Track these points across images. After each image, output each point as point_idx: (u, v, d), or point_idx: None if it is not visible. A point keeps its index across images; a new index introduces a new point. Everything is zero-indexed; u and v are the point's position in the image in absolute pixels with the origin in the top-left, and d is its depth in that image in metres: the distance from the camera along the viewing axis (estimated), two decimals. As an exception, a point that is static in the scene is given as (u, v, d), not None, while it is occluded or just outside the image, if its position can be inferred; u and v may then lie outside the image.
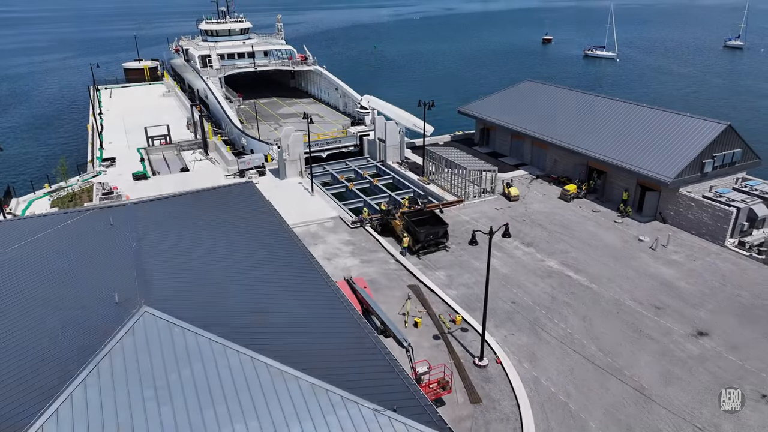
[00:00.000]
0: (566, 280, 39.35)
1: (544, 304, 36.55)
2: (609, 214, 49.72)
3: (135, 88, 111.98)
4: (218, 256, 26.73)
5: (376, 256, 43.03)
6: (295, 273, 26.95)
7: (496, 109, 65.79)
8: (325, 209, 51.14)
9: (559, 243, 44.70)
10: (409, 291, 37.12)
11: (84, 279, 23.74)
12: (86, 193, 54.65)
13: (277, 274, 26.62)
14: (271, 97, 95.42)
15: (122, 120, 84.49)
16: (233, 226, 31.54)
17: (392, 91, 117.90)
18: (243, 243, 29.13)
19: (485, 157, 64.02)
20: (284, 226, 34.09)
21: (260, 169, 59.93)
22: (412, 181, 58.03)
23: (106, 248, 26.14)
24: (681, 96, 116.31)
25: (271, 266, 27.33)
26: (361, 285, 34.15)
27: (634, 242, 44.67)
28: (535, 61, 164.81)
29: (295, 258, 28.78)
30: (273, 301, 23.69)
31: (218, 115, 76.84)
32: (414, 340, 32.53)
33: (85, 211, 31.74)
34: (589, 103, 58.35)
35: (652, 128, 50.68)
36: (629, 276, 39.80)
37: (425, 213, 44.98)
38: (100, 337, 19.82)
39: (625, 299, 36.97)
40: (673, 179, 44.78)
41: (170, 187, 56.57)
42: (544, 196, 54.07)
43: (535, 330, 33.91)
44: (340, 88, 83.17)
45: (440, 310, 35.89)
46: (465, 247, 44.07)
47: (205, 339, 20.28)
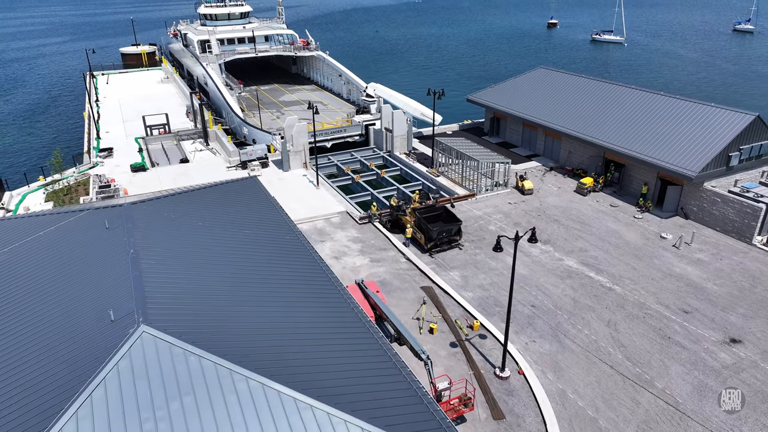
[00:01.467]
0: (587, 281, 37.40)
1: (566, 307, 34.63)
2: (628, 209, 47.64)
3: (133, 74, 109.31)
4: (223, 264, 24.70)
5: (387, 254, 41.03)
6: (307, 283, 24.96)
7: (508, 98, 63.36)
8: (331, 204, 49.03)
9: (577, 240, 42.68)
10: (424, 295, 35.12)
11: (76, 293, 21.72)
12: (82, 186, 52.53)
13: (287, 284, 24.63)
14: (273, 84, 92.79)
15: (119, 108, 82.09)
16: (238, 228, 29.48)
17: (395, 77, 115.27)
18: (249, 248, 27.08)
19: (496, 147, 61.78)
20: (291, 227, 32.06)
21: (263, 161, 57.69)
22: (421, 173, 55.84)
23: (100, 256, 24.10)
24: (691, 82, 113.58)
25: (280, 275, 25.33)
26: (374, 289, 32.21)
27: (656, 240, 42.64)
28: (541, 46, 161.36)
29: (304, 265, 26.77)
30: (284, 318, 21.71)
31: (218, 103, 74.37)
32: (430, 348, 30.71)
33: (79, 211, 29.63)
34: (607, 92, 55.92)
35: (674, 119, 48.38)
36: (653, 277, 37.83)
37: (437, 209, 42.89)
38: (93, 363, 17.87)
39: (651, 302, 35.04)
40: (698, 173, 42.62)
41: (169, 179, 54.53)
42: (559, 189, 51.93)
43: (558, 336, 32.02)
44: (344, 74, 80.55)
45: (456, 315, 33.98)
46: (479, 245, 42.05)
47: (210, 362, 18.32)
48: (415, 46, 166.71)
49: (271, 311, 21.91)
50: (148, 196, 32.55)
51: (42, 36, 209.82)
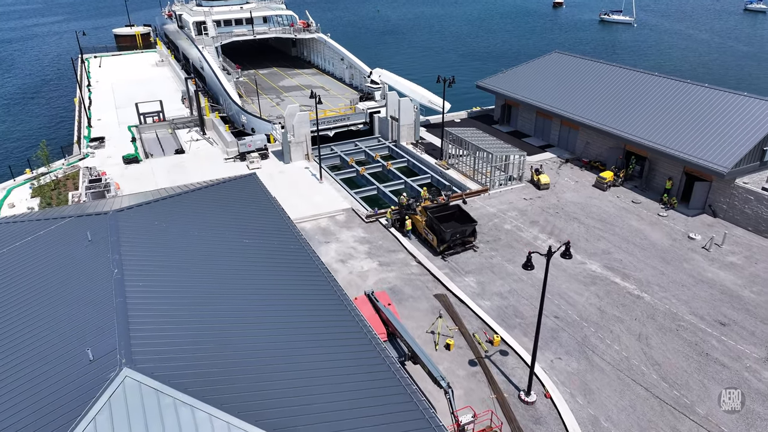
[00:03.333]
0: (613, 288, 34.73)
1: (592, 319, 32.00)
2: (651, 206, 44.80)
3: (126, 57, 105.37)
4: (220, 285, 21.93)
5: (396, 257, 38.29)
6: (313, 305, 22.25)
7: (520, 84, 60.08)
8: (336, 200, 46.13)
9: (599, 241, 39.93)
10: (440, 308, 32.37)
11: (48, 325, 18.96)
12: (71, 180, 49.57)
13: (291, 307, 21.91)
14: (272, 68, 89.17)
15: (112, 93, 78.59)
16: (236, 237, 26.69)
17: (398, 60, 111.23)
18: (249, 263, 24.32)
19: (507, 137, 58.69)
20: (293, 232, 29.29)
21: (262, 152, 54.61)
22: (430, 165, 52.85)
23: (79, 277, 21.31)
24: (702, 64, 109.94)
25: (284, 296, 22.61)
26: (385, 301, 29.48)
27: (683, 240, 39.90)
28: (546, 26, 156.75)
29: (309, 281, 24.06)
30: (291, 355, 18.99)
31: (215, 88, 70.93)
32: (447, 367, 28.17)
33: (60, 218, 26.77)
34: (628, 79, 52.62)
35: (702, 109, 45.28)
36: (684, 283, 35.15)
37: (450, 207, 40.04)
38: (65, 416, 15.21)
39: (684, 313, 32.41)
40: (730, 170, 39.72)
41: (164, 172, 51.58)
42: (577, 183, 49.00)
43: (585, 352, 29.43)
44: (346, 58, 76.97)
45: (474, 328, 31.36)
46: (495, 247, 39.31)
47: (205, 414, 15.69)
48: (416, 26, 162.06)
49: (275, 345, 19.15)
50: (138, 200, 29.64)
51: (32, 16, 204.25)
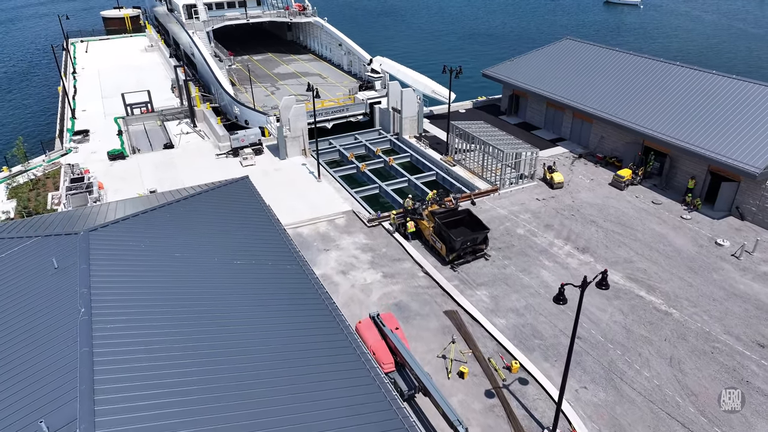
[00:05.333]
0: (638, 303, 31.93)
1: (618, 339, 29.23)
2: (673, 207, 41.88)
3: (115, 41, 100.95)
4: (206, 327, 18.94)
5: (401, 267, 35.36)
6: (314, 349, 19.31)
7: (529, 73, 56.68)
8: (335, 201, 43.03)
9: (619, 248, 37.06)
10: (453, 332, 29.47)
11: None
12: (52, 179, 46.30)
13: (287, 347, 18.98)
14: (266, 53, 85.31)
15: (99, 81, 74.80)
16: (226, 259, 23.70)
17: (397, 44, 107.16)
18: (240, 298, 21.33)
19: (515, 129, 55.54)
20: (290, 249, 26.35)
21: (257, 147, 51.31)
22: (434, 161, 49.68)
23: (40, 319, 18.30)
24: (710, 46, 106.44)
25: (279, 333, 19.67)
26: (392, 325, 26.64)
27: (710, 247, 37.05)
28: (549, 7, 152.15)
29: (310, 315, 21.16)
30: (286, 414, 16.10)
31: (206, 77, 67.25)
32: (461, 399, 25.43)
33: (26, 237, 23.69)
34: (647, 69, 49.29)
35: (730, 102, 42.11)
36: (715, 296, 32.38)
37: (460, 212, 37.02)
38: None
39: (718, 332, 29.67)
40: (763, 170, 36.74)
41: (151, 170, 48.38)
42: (592, 181, 45.99)
43: (613, 380, 26.71)
44: (344, 44, 73.21)
45: (489, 351, 28.57)
46: (508, 255, 36.41)
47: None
48: (414, 7, 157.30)
49: (277, 413, 16.21)
50: (119, 211, 26.57)
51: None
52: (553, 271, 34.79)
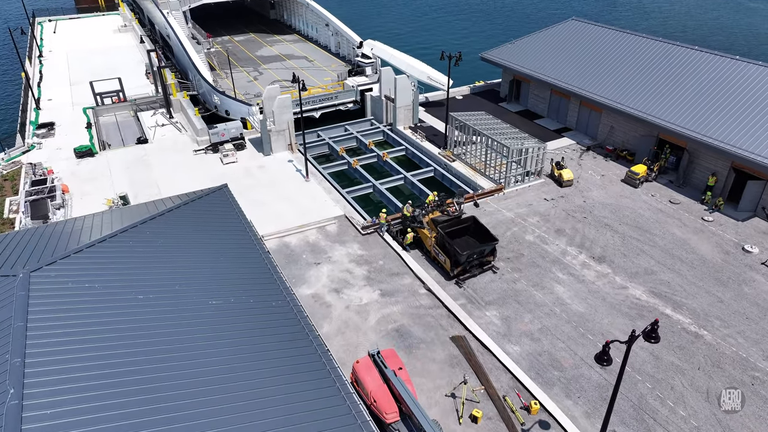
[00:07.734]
0: (665, 323, 28.73)
1: (646, 369, 26.09)
2: (692, 207, 38.64)
3: (86, 20, 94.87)
4: (167, 410, 15.30)
5: (401, 283, 31.82)
6: (299, 407, 15.81)
7: (532, 57, 52.67)
8: (325, 203, 39.21)
9: (639, 256, 33.79)
10: (464, 371, 25.94)
11: None
12: (11, 182, 41.94)
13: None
14: (248, 34, 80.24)
15: (67, 66, 69.54)
16: (200, 299, 20.00)
17: (388, 23, 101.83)
18: (215, 358, 17.67)
19: (516, 117, 51.82)
20: (274, 277, 22.74)
21: (238, 142, 47.10)
22: (432, 156, 45.88)
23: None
24: (717, 26, 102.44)
25: (263, 402, 16.11)
26: (395, 365, 23.17)
27: (738, 254, 33.90)
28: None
29: (297, 363, 17.62)
30: None
31: (183, 61, 62.32)
32: (476, 450, 22.17)
33: (-41, 277, 19.73)
34: (663, 53, 45.45)
35: (755, 92, 38.62)
36: (749, 314, 29.30)
37: (465, 220, 33.40)
38: None
39: (756, 358, 26.63)
40: (796, 170, 33.54)
41: (122, 169, 44.18)
42: (603, 178, 42.54)
43: (645, 421, 23.59)
44: (332, 24, 68.48)
45: (503, 386, 25.30)
46: (518, 266, 33.01)
47: None
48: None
49: None
50: (64, 253, 22.71)
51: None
52: (569, 285, 31.48)
